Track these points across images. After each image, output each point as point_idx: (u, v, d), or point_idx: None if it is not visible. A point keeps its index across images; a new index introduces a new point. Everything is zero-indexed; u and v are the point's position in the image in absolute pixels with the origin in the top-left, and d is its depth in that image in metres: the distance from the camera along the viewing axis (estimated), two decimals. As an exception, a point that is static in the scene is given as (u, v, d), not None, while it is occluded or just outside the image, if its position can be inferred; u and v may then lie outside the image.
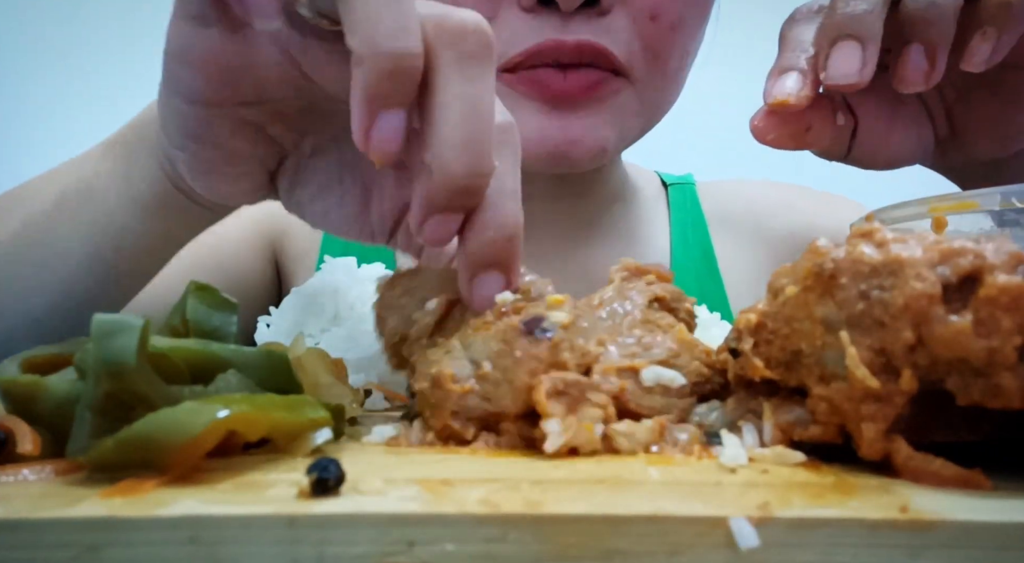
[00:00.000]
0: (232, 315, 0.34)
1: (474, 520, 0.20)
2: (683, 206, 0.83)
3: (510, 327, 0.29)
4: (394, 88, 0.29)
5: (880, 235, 0.25)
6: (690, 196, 0.85)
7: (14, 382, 0.27)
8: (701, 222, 0.82)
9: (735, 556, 0.19)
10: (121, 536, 0.19)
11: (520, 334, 0.29)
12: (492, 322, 0.30)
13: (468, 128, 0.30)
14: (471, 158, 0.29)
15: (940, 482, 0.23)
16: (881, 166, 0.47)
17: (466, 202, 0.31)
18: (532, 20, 0.56)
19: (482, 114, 0.30)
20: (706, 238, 0.81)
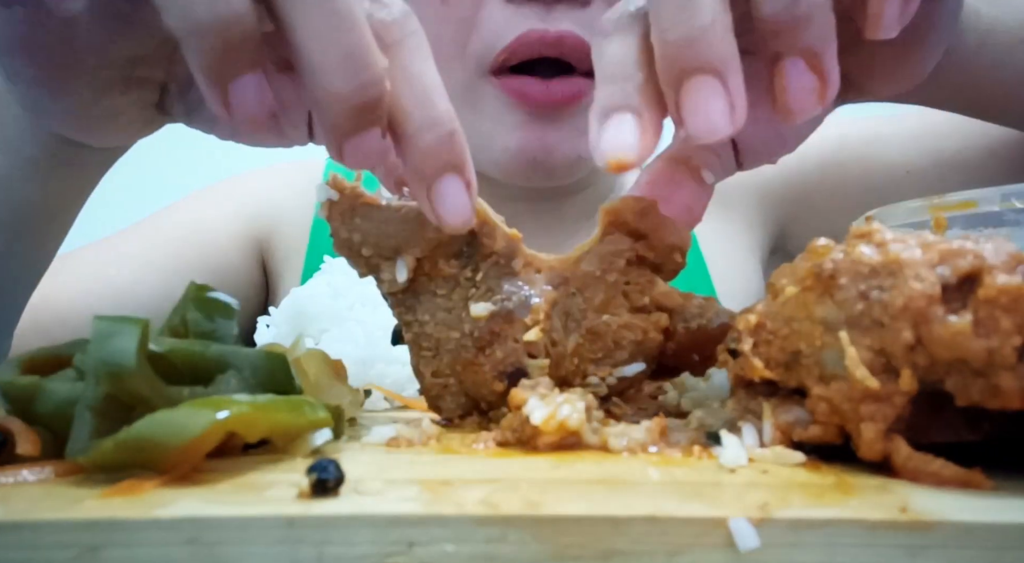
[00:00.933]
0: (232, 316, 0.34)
1: (474, 520, 0.20)
2: None
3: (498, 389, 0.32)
4: (233, 57, 0.27)
5: (879, 235, 0.25)
6: None
7: (14, 382, 0.27)
8: None
9: (735, 556, 0.19)
10: (121, 537, 0.19)
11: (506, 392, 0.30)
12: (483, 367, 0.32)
13: (333, 43, 0.27)
14: (349, 72, 0.27)
15: (940, 482, 0.23)
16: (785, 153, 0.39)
17: (371, 117, 0.28)
18: (515, 12, 0.59)
19: (344, 21, 0.27)
20: None
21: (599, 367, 0.33)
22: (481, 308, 0.32)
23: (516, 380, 0.31)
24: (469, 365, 0.32)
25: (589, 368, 0.32)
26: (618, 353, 0.33)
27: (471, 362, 0.32)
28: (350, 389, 0.35)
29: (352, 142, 0.28)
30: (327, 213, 0.33)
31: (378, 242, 0.33)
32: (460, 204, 0.30)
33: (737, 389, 0.30)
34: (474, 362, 0.32)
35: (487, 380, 0.32)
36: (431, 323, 0.33)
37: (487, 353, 0.32)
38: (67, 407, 0.25)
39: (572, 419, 0.27)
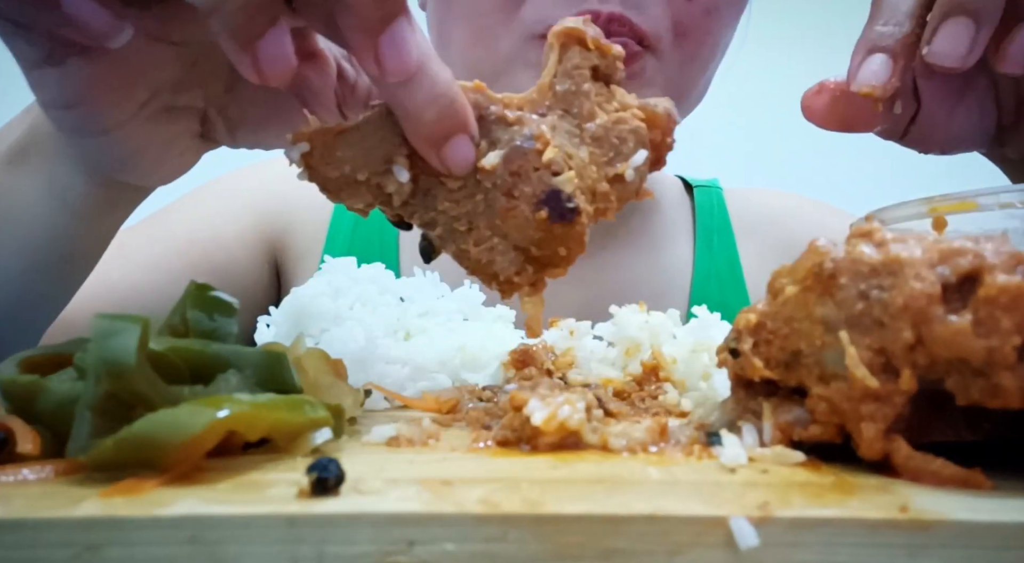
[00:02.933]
0: (232, 315, 0.34)
1: (474, 520, 0.20)
2: (710, 211, 0.82)
3: (539, 218, 0.32)
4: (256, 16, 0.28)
5: (880, 235, 0.25)
6: (717, 201, 0.83)
7: (14, 382, 0.27)
8: (728, 229, 0.80)
9: (735, 556, 0.19)
10: (121, 536, 0.19)
11: (547, 218, 0.32)
12: (515, 208, 0.32)
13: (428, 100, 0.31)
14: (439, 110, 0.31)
15: (940, 482, 0.23)
16: (935, 151, 0.45)
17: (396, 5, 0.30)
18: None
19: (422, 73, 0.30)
20: (732, 246, 0.79)
21: (614, 164, 0.34)
22: (492, 157, 0.33)
23: (553, 202, 0.32)
24: (506, 213, 0.33)
25: (608, 171, 0.34)
26: (623, 146, 0.34)
27: (507, 209, 0.33)
28: (350, 389, 0.35)
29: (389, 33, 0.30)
30: (307, 166, 0.33)
31: (367, 160, 0.33)
32: (467, 156, 0.32)
33: (737, 389, 0.30)
34: (509, 207, 0.33)
35: (527, 217, 0.33)
36: (452, 204, 0.34)
37: (516, 194, 0.33)
38: (67, 406, 0.25)
39: (572, 419, 0.27)
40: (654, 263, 0.77)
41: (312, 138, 0.33)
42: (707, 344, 0.42)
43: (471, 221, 0.34)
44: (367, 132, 0.33)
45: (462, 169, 0.32)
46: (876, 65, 0.38)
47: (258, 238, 0.76)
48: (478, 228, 0.34)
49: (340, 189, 0.34)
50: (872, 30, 0.38)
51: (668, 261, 0.77)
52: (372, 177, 0.33)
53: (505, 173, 0.33)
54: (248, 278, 0.74)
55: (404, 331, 0.47)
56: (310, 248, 0.77)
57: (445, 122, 0.31)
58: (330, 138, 0.33)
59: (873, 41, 0.38)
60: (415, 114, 0.31)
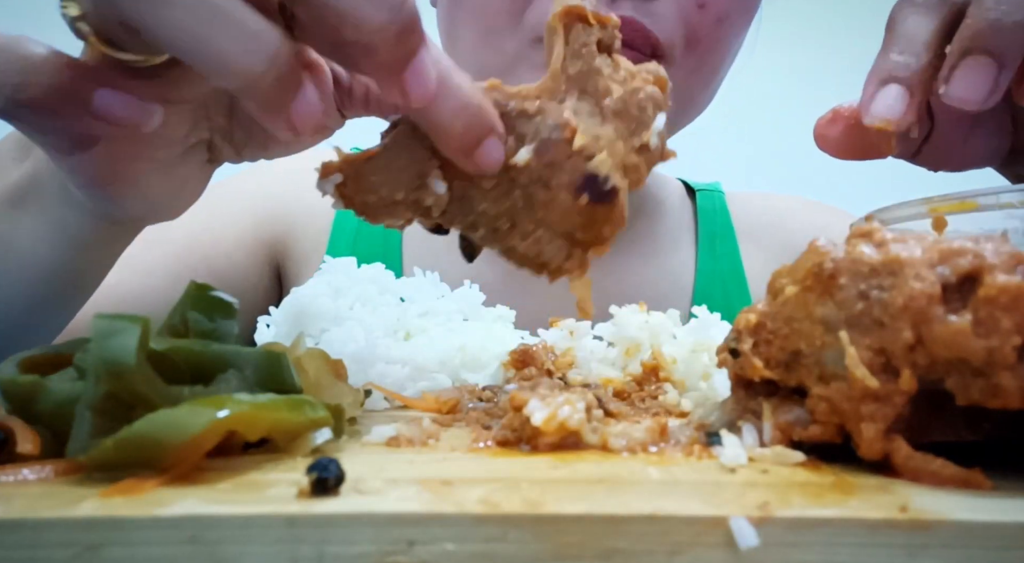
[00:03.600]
0: (232, 315, 0.34)
1: (474, 520, 0.20)
2: (712, 215, 0.81)
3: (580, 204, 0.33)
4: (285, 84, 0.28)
5: (880, 235, 0.25)
6: (719, 205, 0.83)
7: (14, 382, 0.27)
8: (730, 233, 0.80)
9: (735, 556, 0.19)
10: (121, 536, 0.19)
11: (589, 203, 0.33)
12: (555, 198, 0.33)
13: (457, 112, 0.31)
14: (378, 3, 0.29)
15: (940, 482, 0.23)
16: (947, 170, 0.43)
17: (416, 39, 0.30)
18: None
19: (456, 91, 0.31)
20: (735, 250, 0.79)
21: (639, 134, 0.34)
22: (524, 153, 0.33)
23: (591, 185, 0.32)
24: (547, 204, 0.33)
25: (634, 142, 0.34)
26: (643, 115, 0.34)
27: (547, 200, 0.33)
28: (350, 389, 0.35)
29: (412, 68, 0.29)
30: (343, 196, 0.34)
31: (401, 180, 0.33)
32: (498, 156, 0.32)
33: (737, 389, 0.30)
34: (549, 198, 0.33)
35: (569, 205, 0.33)
36: (491, 204, 0.34)
37: (553, 184, 0.33)
38: (67, 406, 0.25)
39: (572, 419, 0.27)
40: (657, 267, 0.77)
41: (342, 168, 0.33)
42: (707, 344, 0.42)
43: (513, 218, 0.34)
44: (395, 153, 0.33)
45: (494, 169, 0.33)
46: (891, 98, 0.35)
47: (258, 241, 0.75)
48: (522, 223, 0.34)
49: (379, 212, 0.34)
50: (887, 59, 0.36)
51: (671, 265, 0.77)
52: (409, 195, 0.33)
53: (539, 166, 0.33)
54: (248, 281, 0.74)
55: (404, 331, 0.47)
56: (313, 249, 0.76)
57: (474, 130, 0.32)
58: (360, 165, 0.33)
59: (888, 71, 0.36)
60: (445, 128, 0.31)
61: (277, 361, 0.30)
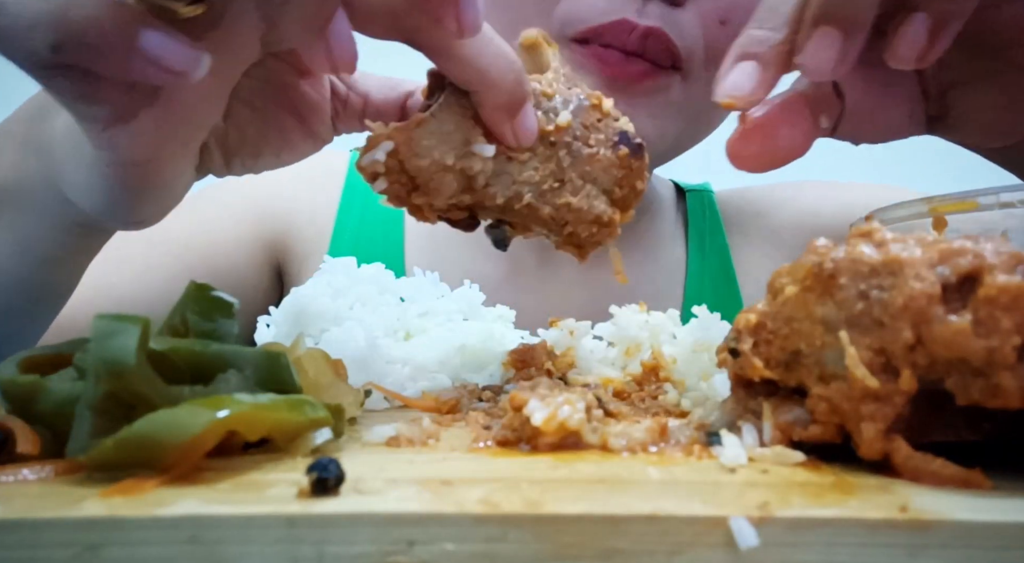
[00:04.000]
0: (232, 315, 0.34)
1: (474, 520, 0.20)
2: (701, 213, 0.83)
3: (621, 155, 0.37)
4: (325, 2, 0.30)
5: (879, 235, 0.25)
6: (708, 203, 0.84)
7: (14, 382, 0.27)
8: (719, 228, 0.81)
9: (735, 556, 0.19)
10: (121, 536, 0.19)
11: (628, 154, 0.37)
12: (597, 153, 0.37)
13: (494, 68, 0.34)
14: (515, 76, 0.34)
15: (940, 482, 0.23)
16: (868, 141, 0.43)
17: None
18: None
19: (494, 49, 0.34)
20: (724, 244, 0.80)
21: None
22: (565, 115, 0.37)
23: (625, 140, 0.37)
24: (592, 159, 0.37)
25: None
26: None
27: (591, 155, 0.37)
28: (350, 389, 0.35)
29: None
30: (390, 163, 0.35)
31: (450, 144, 0.35)
32: (534, 124, 0.36)
33: (737, 389, 0.30)
34: (592, 154, 0.37)
35: (611, 158, 0.37)
36: (532, 171, 0.37)
37: (593, 143, 0.37)
38: (67, 406, 0.25)
39: (572, 419, 0.27)
40: (649, 266, 0.77)
41: (393, 136, 0.35)
42: (707, 344, 0.42)
43: (560, 177, 0.37)
44: (443, 119, 0.35)
45: (531, 138, 0.36)
46: (742, 74, 0.35)
47: (259, 240, 0.75)
48: (571, 180, 0.37)
49: (431, 178, 0.35)
50: (747, 34, 0.36)
51: (662, 264, 0.78)
52: (458, 160, 0.35)
53: (579, 127, 0.37)
54: (248, 281, 0.73)
55: (404, 331, 0.47)
56: (314, 249, 0.76)
57: (520, 88, 0.34)
58: (412, 131, 0.35)
59: (744, 47, 0.36)
60: (497, 83, 0.33)
61: (277, 361, 0.30)
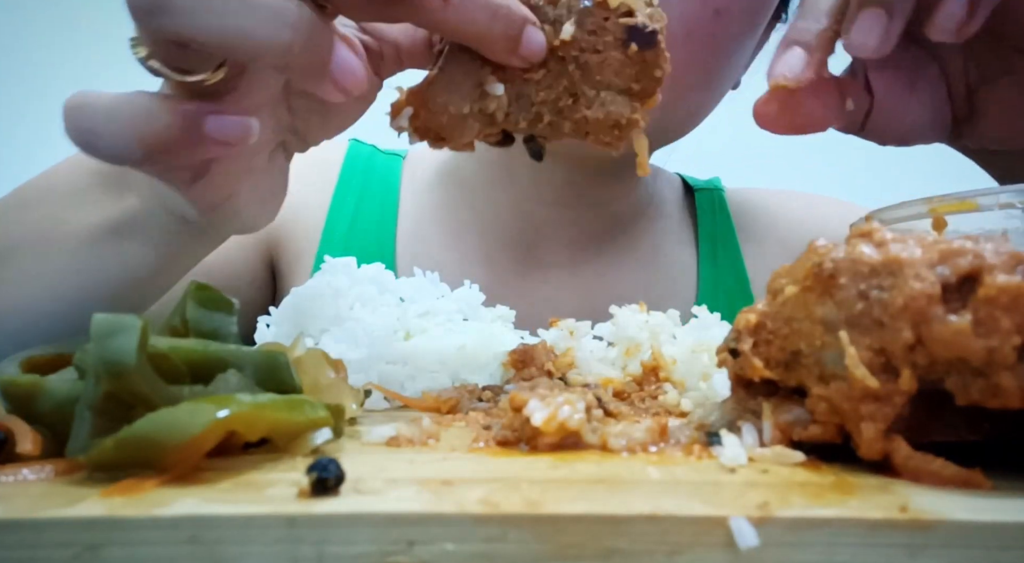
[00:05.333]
0: (232, 315, 0.34)
1: (474, 520, 0.20)
2: (712, 215, 0.80)
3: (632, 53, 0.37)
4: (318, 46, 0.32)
5: (879, 235, 0.25)
6: (719, 204, 0.81)
7: (14, 382, 0.27)
8: (731, 234, 0.79)
9: (735, 556, 0.19)
10: (121, 535, 0.19)
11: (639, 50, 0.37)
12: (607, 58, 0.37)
13: None
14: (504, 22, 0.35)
15: (940, 482, 0.23)
16: (893, 142, 0.46)
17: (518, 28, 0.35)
18: None
19: None
20: (736, 253, 0.77)
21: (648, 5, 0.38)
22: (568, 28, 0.37)
23: (636, 35, 0.37)
24: (602, 65, 0.37)
25: None
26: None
27: (601, 62, 0.37)
28: (350, 389, 0.35)
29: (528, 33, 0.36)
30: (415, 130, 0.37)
31: (463, 93, 0.37)
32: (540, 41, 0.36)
33: (737, 389, 0.30)
34: (601, 60, 0.37)
35: (622, 59, 0.37)
36: (547, 90, 0.38)
37: (601, 48, 0.37)
38: (67, 406, 0.25)
39: (572, 419, 0.27)
40: (656, 269, 0.75)
41: (410, 101, 0.37)
42: (707, 344, 0.42)
43: (573, 93, 0.38)
44: (449, 71, 0.37)
45: (540, 55, 0.36)
46: (791, 57, 0.39)
47: (254, 239, 0.74)
48: (584, 94, 0.38)
49: (453, 129, 0.37)
50: (793, 27, 0.40)
51: (670, 267, 0.76)
52: (474, 105, 0.37)
53: (584, 36, 0.37)
54: (243, 279, 0.73)
55: (404, 331, 0.47)
56: (306, 248, 0.75)
57: (512, 27, 0.35)
58: (424, 92, 0.37)
59: (790, 36, 0.40)
60: (486, 36, 0.35)
61: (277, 361, 0.30)
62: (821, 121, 0.42)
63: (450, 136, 0.38)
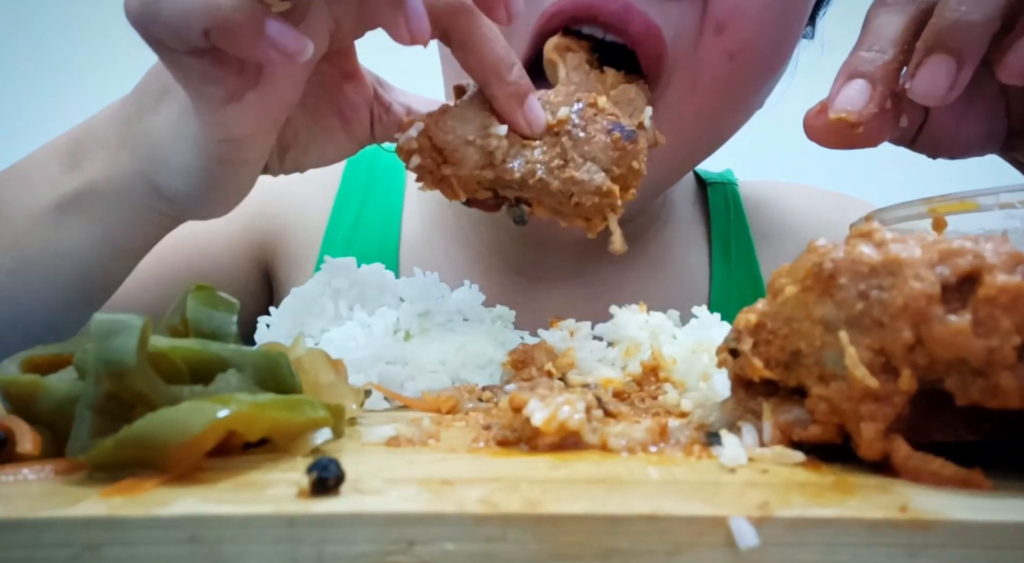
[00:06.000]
0: (232, 315, 0.34)
1: (474, 519, 0.20)
2: (725, 213, 0.75)
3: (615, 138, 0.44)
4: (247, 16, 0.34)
5: (879, 235, 0.25)
6: (733, 200, 0.76)
7: (14, 382, 0.27)
8: (746, 234, 0.74)
9: (735, 555, 0.19)
10: (121, 535, 0.19)
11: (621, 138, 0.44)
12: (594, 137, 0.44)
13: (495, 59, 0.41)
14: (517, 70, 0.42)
15: (939, 482, 0.23)
16: (945, 156, 0.45)
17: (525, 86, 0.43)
18: None
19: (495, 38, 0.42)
20: (751, 254, 0.73)
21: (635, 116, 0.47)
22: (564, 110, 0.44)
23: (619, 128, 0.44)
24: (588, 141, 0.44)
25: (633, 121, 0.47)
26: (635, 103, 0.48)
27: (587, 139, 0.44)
28: (350, 389, 0.35)
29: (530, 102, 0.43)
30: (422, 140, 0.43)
31: (471, 125, 0.43)
32: (542, 114, 0.43)
33: (737, 389, 0.30)
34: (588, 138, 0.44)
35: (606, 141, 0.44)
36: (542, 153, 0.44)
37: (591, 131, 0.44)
38: (67, 406, 0.25)
39: (572, 420, 0.27)
40: (668, 273, 0.72)
41: (424, 119, 0.43)
42: (707, 344, 0.42)
43: (564, 157, 0.44)
44: (466, 108, 0.44)
45: (540, 126, 0.43)
46: (854, 91, 0.38)
47: (248, 243, 0.73)
48: (573, 159, 0.44)
49: (455, 151, 0.43)
50: (856, 55, 0.39)
51: (682, 270, 0.72)
52: (477, 139, 0.43)
53: (577, 120, 0.44)
54: (235, 285, 0.71)
55: (404, 331, 0.47)
56: (306, 254, 0.74)
57: (523, 80, 0.42)
58: (439, 116, 0.43)
59: (854, 66, 0.38)
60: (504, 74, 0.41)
61: (277, 361, 0.30)
62: (874, 137, 0.41)
63: (451, 155, 0.43)
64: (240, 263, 0.72)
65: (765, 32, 0.51)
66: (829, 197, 0.80)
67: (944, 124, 0.43)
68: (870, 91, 0.38)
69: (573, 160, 0.44)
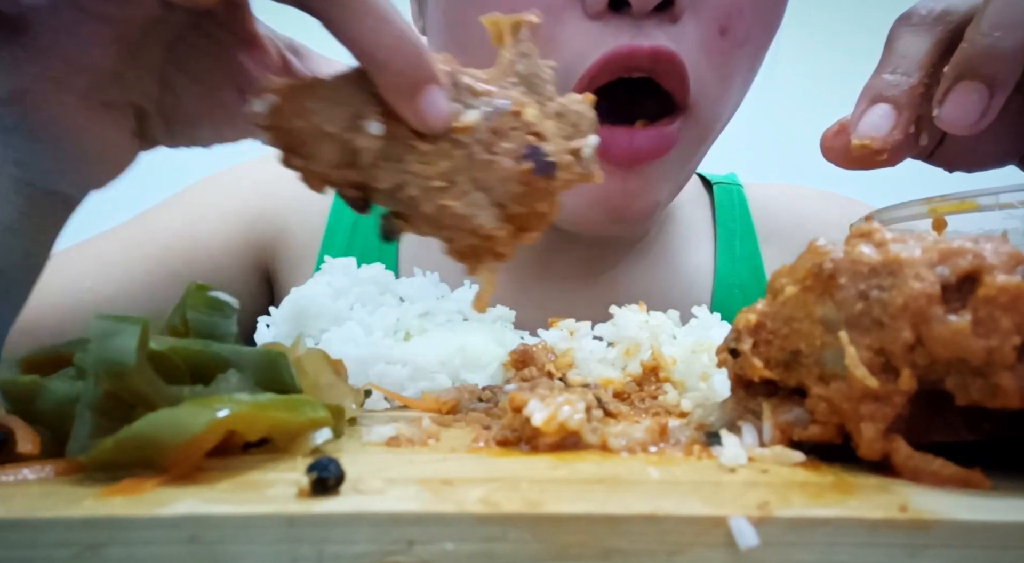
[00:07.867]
0: (232, 315, 0.34)
1: (474, 519, 0.20)
2: (731, 212, 0.76)
3: (523, 170, 0.34)
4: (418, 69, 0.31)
5: (879, 235, 0.25)
6: (738, 200, 0.77)
7: (14, 382, 0.27)
8: (750, 232, 0.74)
9: (735, 555, 0.19)
10: (121, 535, 0.19)
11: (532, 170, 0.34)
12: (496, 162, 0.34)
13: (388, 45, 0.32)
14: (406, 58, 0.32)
15: (939, 482, 0.23)
16: (963, 169, 0.44)
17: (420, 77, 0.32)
18: (601, 28, 0.51)
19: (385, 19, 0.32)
20: (755, 252, 0.73)
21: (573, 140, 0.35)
22: (472, 115, 0.34)
23: (535, 156, 0.34)
24: (489, 165, 0.34)
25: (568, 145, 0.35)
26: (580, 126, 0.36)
27: (489, 162, 0.34)
28: (350, 389, 0.35)
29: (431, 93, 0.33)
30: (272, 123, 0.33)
31: (337, 113, 0.33)
32: (443, 110, 0.33)
33: (737, 389, 0.30)
34: (491, 161, 0.34)
35: (511, 170, 0.34)
36: (425, 165, 0.33)
37: (497, 150, 0.34)
38: (68, 406, 0.25)
39: (572, 419, 0.27)
40: (673, 272, 0.72)
41: (279, 91, 0.33)
42: (707, 344, 0.42)
43: (450, 178, 0.34)
44: (339, 86, 0.33)
45: (439, 124, 0.33)
46: (877, 116, 0.36)
47: (247, 244, 0.73)
48: (458, 183, 0.34)
49: (305, 142, 0.33)
50: (879, 78, 0.37)
51: (687, 269, 0.72)
52: (341, 132, 0.33)
53: (485, 131, 0.34)
54: (233, 286, 0.71)
55: (404, 331, 0.47)
56: (305, 254, 0.74)
57: (414, 71, 0.32)
58: (299, 92, 0.33)
59: (878, 90, 0.37)
60: (388, 62, 0.31)
61: (277, 361, 0.30)
62: (894, 159, 0.39)
63: (300, 148, 0.33)
64: (240, 264, 0.72)
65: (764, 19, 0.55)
66: (835, 199, 0.80)
67: (963, 141, 0.41)
68: (895, 117, 0.36)
69: (458, 184, 0.34)
